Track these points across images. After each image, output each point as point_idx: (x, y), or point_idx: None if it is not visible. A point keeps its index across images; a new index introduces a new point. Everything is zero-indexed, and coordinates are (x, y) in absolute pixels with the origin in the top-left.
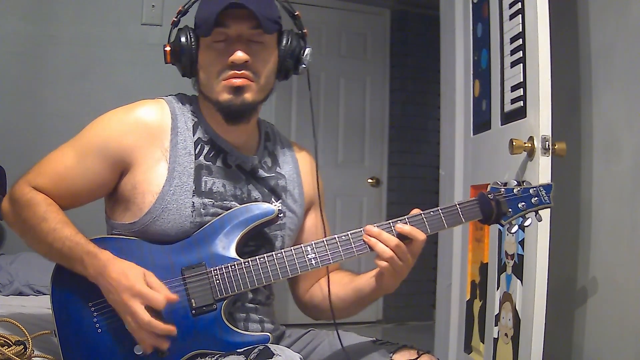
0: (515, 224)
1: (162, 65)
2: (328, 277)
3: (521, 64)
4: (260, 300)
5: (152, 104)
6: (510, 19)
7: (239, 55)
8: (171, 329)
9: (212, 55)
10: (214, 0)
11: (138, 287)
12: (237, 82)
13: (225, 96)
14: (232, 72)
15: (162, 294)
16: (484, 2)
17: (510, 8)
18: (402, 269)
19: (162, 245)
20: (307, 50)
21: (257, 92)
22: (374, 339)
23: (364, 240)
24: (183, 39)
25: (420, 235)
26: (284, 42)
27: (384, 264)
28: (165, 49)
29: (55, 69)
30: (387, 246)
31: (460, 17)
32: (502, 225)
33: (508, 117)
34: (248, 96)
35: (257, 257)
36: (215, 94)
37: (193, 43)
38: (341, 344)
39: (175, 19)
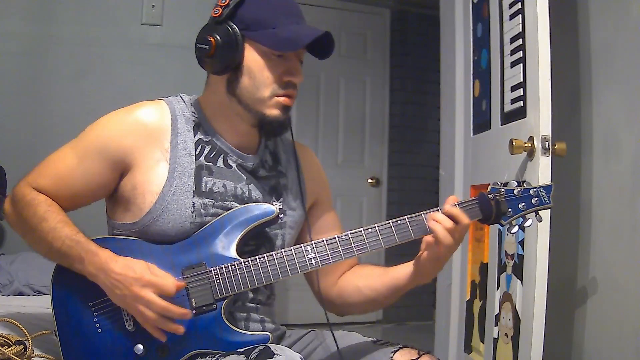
0: (515, 224)
1: (162, 65)
2: (317, 277)
3: (521, 64)
4: (260, 300)
5: (151, 105)
6: (510, 19)
7: (300, 76)
8: (186, 311)
9: (268, 65)
10: (285, 12)
11: (147, 277)
12: (292, 102)
13: (275, 112)
14: (289, 91)
15: (170, 280)
16: (484, 2)
17: (510, 8)
18: (446, 254)
19: (163, 246)
20: None
21: None
22: (375, 339)
23: (425, 222)
24: (237, 36)
25: (464, 219)
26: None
27: (436, 246)
28: (211, 39)
29: (55, 69)
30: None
31: (460, 17)
32: (502, 226)
33: (508, 117)
34: (289, 113)
35: (257, 257)
36: (264, 106)
37: (242, 43)
38: (337, 345)
39: (222, 10)
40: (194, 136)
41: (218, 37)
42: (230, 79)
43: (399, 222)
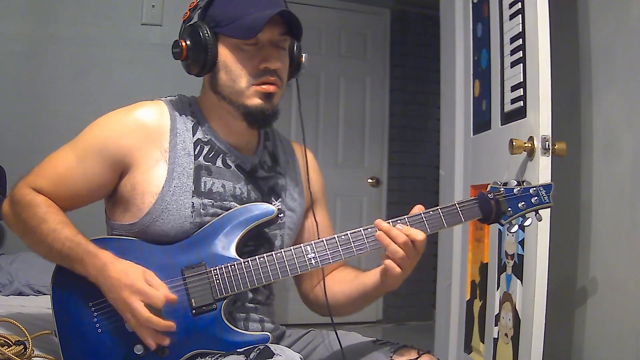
0: (515, 224)
1: (162, 65)
2: (324, 277)
3: (521, 64)
4: (260, 300)
5: (150, 105)
6: (510, 19)
7: (275, 62)
8: (170, 324)
9: (242, 57)
10: (250, 2)
11: (138, 285)
12: (271, 88)
13: (256, 101)
14: (266, 77)
15: (161, 292)
16: (484, 2)
17: (510, 8)
18: (408, 268)
19: (162, 246)
20: (305, 56)
21: (279, 98)
22: (375, 339)
23: (376, 238)
24: (206, 36)
25: (419, 235)
26: (295, 48)
27: (391, 262)
28: (182, 43)
29: (55, 69)
30: (396, 244)
31: (460, 17)
32: (502, 225)
33: (508, 117)
34: (275, 102)
35: (256, 256)
36: (243, 97)
37: (213, 41)
38: (340, 345)
39: (190, 13)
40: (193, 136)
41: (187, 40)
42: (211, 78)
43: (398, 221)
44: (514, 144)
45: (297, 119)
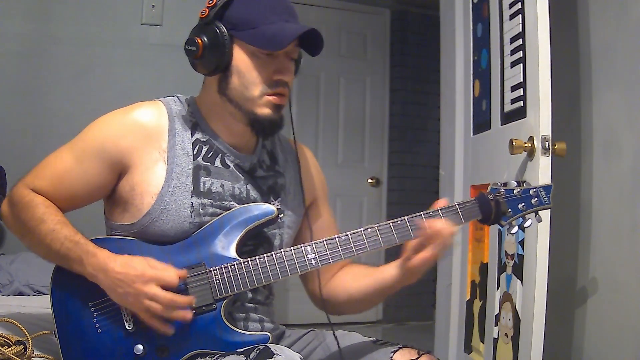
0: (515, 225)
1: (162, 65)
2: (319, 278)
3: (521, 64)
4: (259, 300)
5: (149, 105)
6: (510, 19)
7: (290, 75)
8: (191, 299)
9: (257, 65)
10: (273, 10)
11: (148, 273)
12: (283, 100)
13: (266, 111)
14: (280, 89)
15: (171, 271)
16: (484, 2)
17: (510, 8)
18: (439, 257)
19: (162, 246)
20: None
21: (284, 108)
22: (375, 339)
23: (424, 224)
24: (224, 37)
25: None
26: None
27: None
28: (198, 41)
29: (55, 69)
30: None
31: (460, 17)
32: (502, 226)
33: (508, 117)
34: (282, 112)
35: (256, 257)
36: (254, 105)
37: (229, 43)
38: (338, 345)
39: (209, 11)
40: (192, 136)
41: (205, 39)
42: (220, 80)
43: (398, 222)
44: (514, 144)
45: (297, 119)
